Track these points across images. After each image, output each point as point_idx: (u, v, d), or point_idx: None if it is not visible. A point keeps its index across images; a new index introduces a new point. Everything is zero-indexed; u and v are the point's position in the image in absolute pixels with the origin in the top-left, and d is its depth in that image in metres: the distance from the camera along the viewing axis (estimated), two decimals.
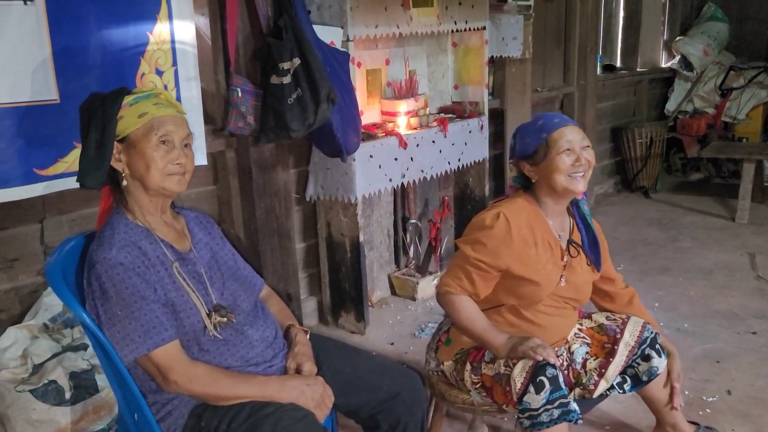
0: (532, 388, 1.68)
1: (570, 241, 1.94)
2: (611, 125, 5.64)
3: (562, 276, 1.89)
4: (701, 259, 3.92)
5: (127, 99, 1.48)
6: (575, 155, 1.80)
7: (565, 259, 1.90)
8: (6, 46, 1.88)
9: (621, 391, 1.96)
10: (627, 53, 5.95)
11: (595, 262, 1.96)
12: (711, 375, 2.63)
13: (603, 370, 1.88)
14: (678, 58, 6.01)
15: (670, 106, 6.09)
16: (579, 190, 1.83)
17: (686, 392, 2.49)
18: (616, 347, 1.90)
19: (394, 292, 3.56)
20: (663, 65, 6.29)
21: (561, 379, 1.69)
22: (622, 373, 1.94)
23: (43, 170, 2.01)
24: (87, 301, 1.42)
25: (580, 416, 1.70)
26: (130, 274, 1.39)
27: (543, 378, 1.67)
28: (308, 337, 1.66)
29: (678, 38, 6.00)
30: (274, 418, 1.39)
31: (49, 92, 1.99)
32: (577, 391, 1.89)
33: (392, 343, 3.00)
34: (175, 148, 1.49)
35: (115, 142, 1.47)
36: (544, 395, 1.66)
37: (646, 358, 1.93)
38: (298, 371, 1.54)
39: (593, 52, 4.94)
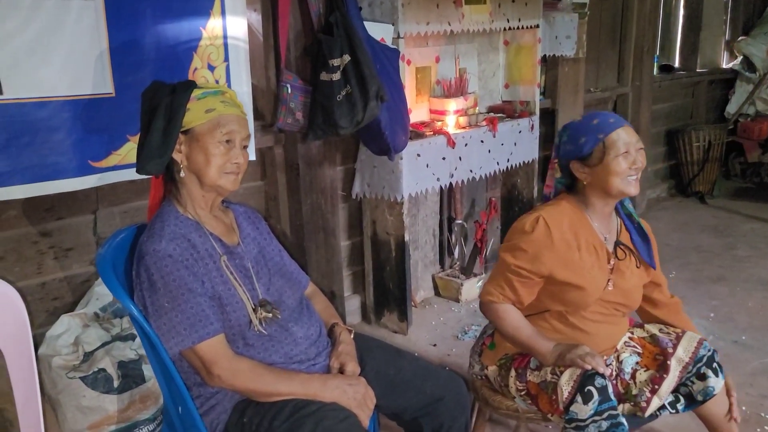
0: (579, 398, 1.62)
1: (617, 243, 1.87)
2: (666, 128, 5.46)
3: (609, 280, 1.82)
4: (761, 269, 3.75)
5: (196, 92, 1.49)
6: (632, 158, 1.75)
7: (611, 263, 1.83)
8: (65, 40, 1.92)
9: (674, 411, 1.87)
10: (686, 53, 5.75)
11: (648, 259, 1.89)
12: None
13: (656, 386, 1.79)
14: (740, 59, 5.78)
15: (731, 108, 5.86)
16: (633, 192, 1.77)
17: (743, 408, 2.38)
18: (668, 362, 1.82)
19: (437, 293, 3.52)
20: (724, 66, 6.05)
21: (610, 389, 1.63)
22: (675, 391, 1.85)
23: (97, 162, 2.06)
24: (135, 292, 1.44)
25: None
26: (178, 266, 1.40)
27: (591, 388, 1.61)
28: (352, 336, 1.65)
29: (740, 38, 5.77)
30: (316, 417, 1.38)
31: (106, 86, 2.03)
32: (627, 407, 1.81)
33: (435, 345, 2.97)
34: (235, 148, 1.50)
35: (178, 134, 1.48)
36: (592, 406, 1.60)
37: (702, 377, 1.83)
38: (341, 371, 1.53)
39: (650, 51, 4.78)
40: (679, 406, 1.87)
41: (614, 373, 1.84)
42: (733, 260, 3.91)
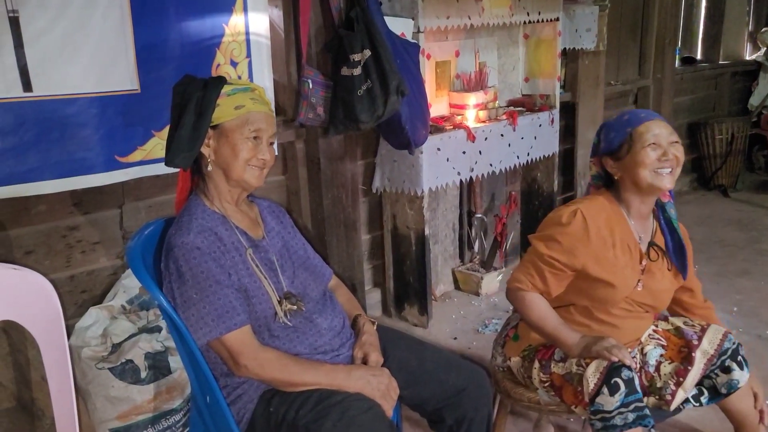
0: (605, 390, 1.62)
1: (651, 244, 1.85)
2: (688, 120, 5.39)
3: (639, 280, 1.81)
4: None
5: (226, 89, 1.52)
6: (662, 149, 1.73)
7: (643, 263, 1.82)
8: (92, 38, 1.96)
9: (697, 404, 1.86)
10: (708, 45, 5.68)
11: (680, 267, 1.87)
12: None
13: (680, 379, 1.78)
14: (763, 50, 5.69)
15: (754, 100, 5.77)
16: (665, 186, 1.74)
17: None
18: (693, 354, 1.81)
19: (457, 287, 3.53)
20: (747, 58, 5.97)
21: (637, 382, 1.63)
22: (699, 384, 1.85)
23: (123, 157, 2.10)
24: (164, 284, 1.47)
25: (654, 424, 1.64)
26: (206, 258, 1.42)
27: (618, 380, 1.61)
28: (375, 327, 1.67)
29: (764, 29, 5.68)
30: (342, 407, 1.40)
31: (131, 83, 2.07)
32: (652, 400, 1.80)
33: (455, 338, 2.98)
34: (262, 144, 1.53)
35: (208, 129, 1.51)
36: (618, 397, 1.61)
37: (726, 370, 1.83)
38: (364, 361, 1.55)
39: (672, 43, 4.73)
40: (703, 399, 1.86)
41: (638, 366, 1.84)
42: (758, 254, 3.87)
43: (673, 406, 1.79)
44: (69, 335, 2.08)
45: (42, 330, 1.34)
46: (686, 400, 1.83)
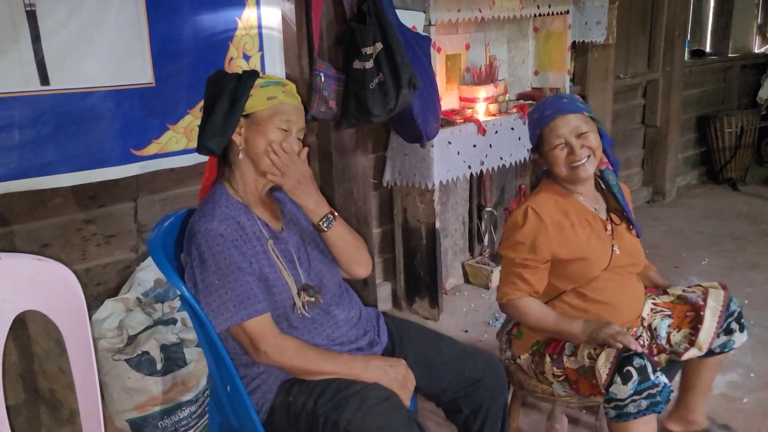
0: (618, 379, 1.63)
1: (609, 209, 1.92)
2: (697, 114, 5.38)
3: (613, 246, 1.86)
4: None
5: (259, 81, 1.56)
6: (569, 147, 1.79)
7: (609, 228, 1.88)
8: (108, 32, 1.97)
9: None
10: (717, 38, 5.66)
11: (635, 227, 1.94)
12: None
13: (693, 338, 1.83)
14: None
15: (763, 93, 5.75)
16: (584, 175, 1.81)
17: None
18: (702, 313, 1.86)
19: (467, 281, 3.54)
20: (756, 51, 5.94)
21: (650, 368, 1.64)
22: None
23: (139, 150, 2.11)
24: (186, 270, 1.48)
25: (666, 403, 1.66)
26: (228, 245, 1.44)
27: (630, 368, 1.63)
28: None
29: None
30: (360, 396, 1.41)
31: (146, 76, 2.08)
32: (664, 356, 1.87)
33: (466, 331, 2.99)
34: (292, 136, 1.56)
35: (240, 117, 1.53)
36: (631, 385, 1.62)
37: (728, 332, 1.89)
38: None
39: (681, 36, 4.71)
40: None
41: (646, 343, 1.88)
42: None
43: (684, 357, 1.85)
44: None
45: (66, 320, 1.36)
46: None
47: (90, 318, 2.07)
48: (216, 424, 1.66)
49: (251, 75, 1.55)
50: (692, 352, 1.84)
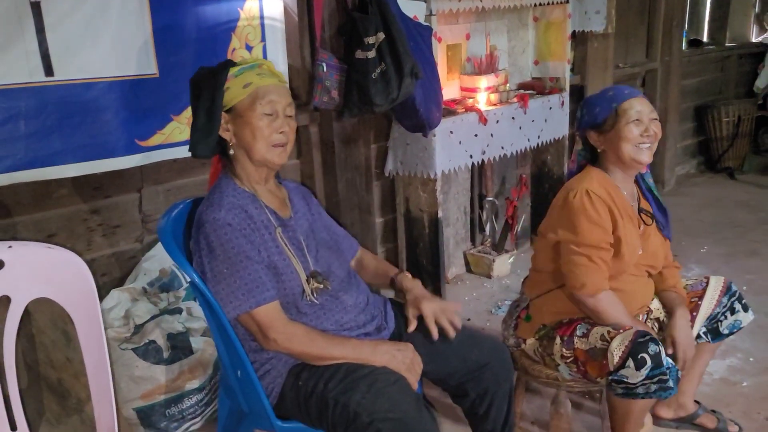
0: (631, 363, 1.66)
1: (641, 210, 1.93)
2: (695, 103, 5.40)
3: (640, 246, 1.88)
4: None
5: (233, 70, 1.53)
6: (643, 126, 1.82)
7: (641, 229, 1.90)
8: (112, 24, 1.98)
9: (706, 339, 2.00)
10: (715, 28, 5.67)
11: (665, 229, 1.97)
12: None
13: (691, 323, 1.91)
14: None
15: (760, 83, 5.75)
16: (645, 160, 1.84)
17: None
18: (699, 302, 1.96)
19: (469, 270, 3.56)
20: (753, 40, 5.95)
21: (663, 354, 1.67)
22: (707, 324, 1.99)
23: (143, 141, 2.12)
24: (194, 259, 1.49)
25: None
26: (236, 234, 1.45)
27: (645, 355, 1.65)
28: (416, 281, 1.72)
29: None
30: (369, 379, 1.43)
31: (150, 67, 2.09)
32: (668, 332, 1.90)
33: (469, 319, 3.01)
34: (279, 118, 1.54)
35: (223, 113, 1.53)
36: (644, 371, 1.65)
37: (733, 311, 1.96)
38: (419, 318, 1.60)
39: (679, 26, 4.73)
40: (709, 337, 2.00)
41: (653, 329, 1.93)
42: (767, 234, 3.89)
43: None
44: None
45: (77, 307, 1.37)
46: (697, 337, 1.97)
47: None
48: (226, 409, 1.68)
49: (222, 68, 1.52)
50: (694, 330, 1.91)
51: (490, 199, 3.55)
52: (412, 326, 1.61)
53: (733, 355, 2.55)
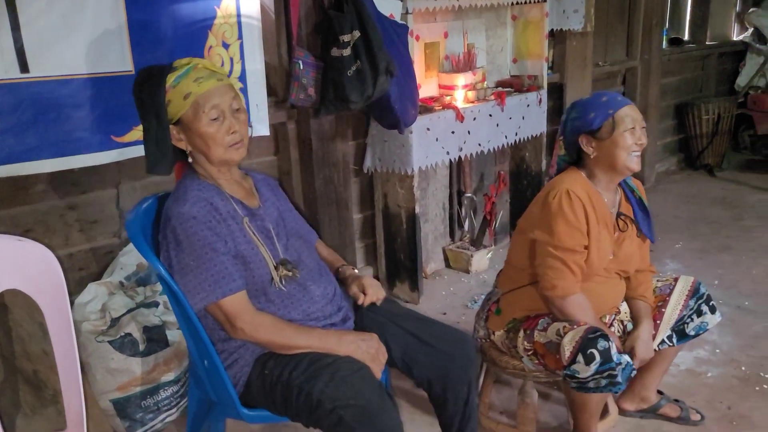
0: (581, 359, 1.71)
1: (619, 215, 1.95)
2: (676, 101, 5.46)
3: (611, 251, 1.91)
4: (767, 238, 3.80)
5: (169, 81, 1.52)
6: (637, 134, 1.84)
7: (616, 235, 1.92)
8: (87, 20, 2.00)
9: (670, 344, 2.04)
10: (695, 26, 5.73)
11: (648, 233, 1.99)
12: None
13: (654, 333, 1.94)
14: (750, 30, 5.75)
15: (741, 81, 5.84)
16: (635, 168, 1.87)
17: (743, 368, 2.46)
18: (663, 309, 1.99)
19: (448, 265, 3.61)
20: (734, 38, 6.02)
21: (613, 350, 1.71)
22: (673, 327, 2.02)
23: (119, 137, 2.14)
24: (161, 253, 1.53)
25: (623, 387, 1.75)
26: (202, 227, 1.49)
27: (594, 351, 1.70)
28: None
29: (751, 10, 5.73)
30: (332, 368, 1.47)
31: (125, 64, 2.11)
32: (629, 343, 1.93)
33: (444, 313, 3.06)
34: (227, 118, 1.54)
35: (172, 125, 1.55)
36: (593, 366, 1.70)
37: (699, 314, 2.00)
38: (364, 293, 1.67)
39: (659, 24, 4.78)
40: (674, 340, 2.03)
41: (618, 331, 1.97)
42: (741, 230, 3.96)
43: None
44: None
45: (46, 299, 1.40)
46: (661, 342, 2.02)
47: (73, 301, 2.14)
48: (195, 399, 1.72)
49: (156, 84, 1.50)
50: (657, 339, 1.97)
51: (469, 195, 3.60)
52: (362, 299, 1.68)
53: (701, 347, 2.61)
